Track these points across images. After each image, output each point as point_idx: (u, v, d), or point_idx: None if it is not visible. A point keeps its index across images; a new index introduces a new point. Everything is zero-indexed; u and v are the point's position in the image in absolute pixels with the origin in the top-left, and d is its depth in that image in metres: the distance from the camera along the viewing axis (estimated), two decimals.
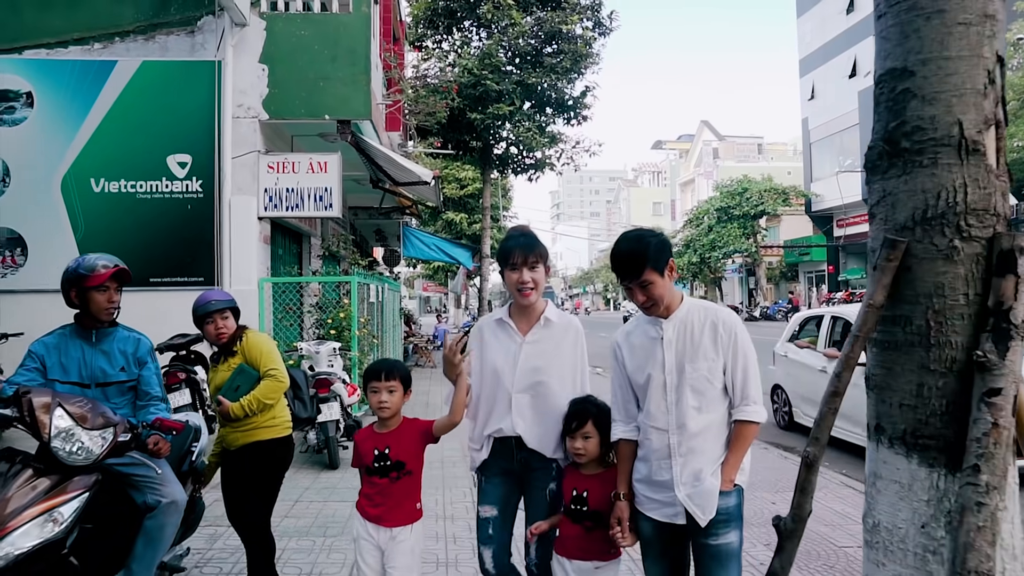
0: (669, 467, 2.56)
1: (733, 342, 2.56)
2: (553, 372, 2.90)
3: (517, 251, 2.85)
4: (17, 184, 8.60)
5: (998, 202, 1.37)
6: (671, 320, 2.60)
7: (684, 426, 2.55)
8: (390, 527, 2.95)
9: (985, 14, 1.38)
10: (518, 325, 2.95)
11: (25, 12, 8.92)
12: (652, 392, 2.60)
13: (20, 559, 2.42)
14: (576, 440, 2.73)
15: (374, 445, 2.99)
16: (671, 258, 2.58)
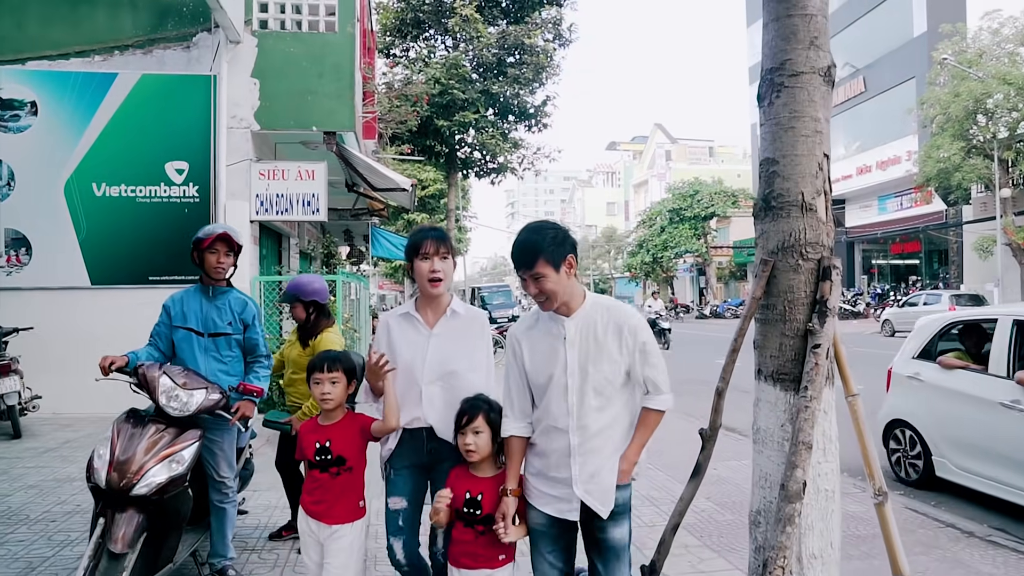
0: (568, 465, 2.52)
1: (640, 344, 2.52)
2: (462, 362, 2.91)
3: (429, 241, 2.86)
4: (22, 188, 9.20)
5: (824, 238, 2.33)
6: (573, 319, 2.53)
7: (586, 427, 2.50)
8: (330, 524, 2.89)
9: (816, 130, 2.34)
10: (425, 318, 2.95)
11: (29, 25, 9.51)
12: (552, 392, 2.53)
13: (157, 488, 3.27)
14: (467, 436, 2.62)
15: (316, 438, 2.93)
16: (571, 254, 2.50)
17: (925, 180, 24.94)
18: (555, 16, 18.50)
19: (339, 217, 16.51)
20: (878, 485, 2.41)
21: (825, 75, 2.37)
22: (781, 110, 2.37)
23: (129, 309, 9.05)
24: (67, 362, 8.82)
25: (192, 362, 3.82)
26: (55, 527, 4.77)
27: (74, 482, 5.89)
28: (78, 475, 6.12)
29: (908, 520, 5.29)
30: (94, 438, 7.56)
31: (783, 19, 2.39)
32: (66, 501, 5.37)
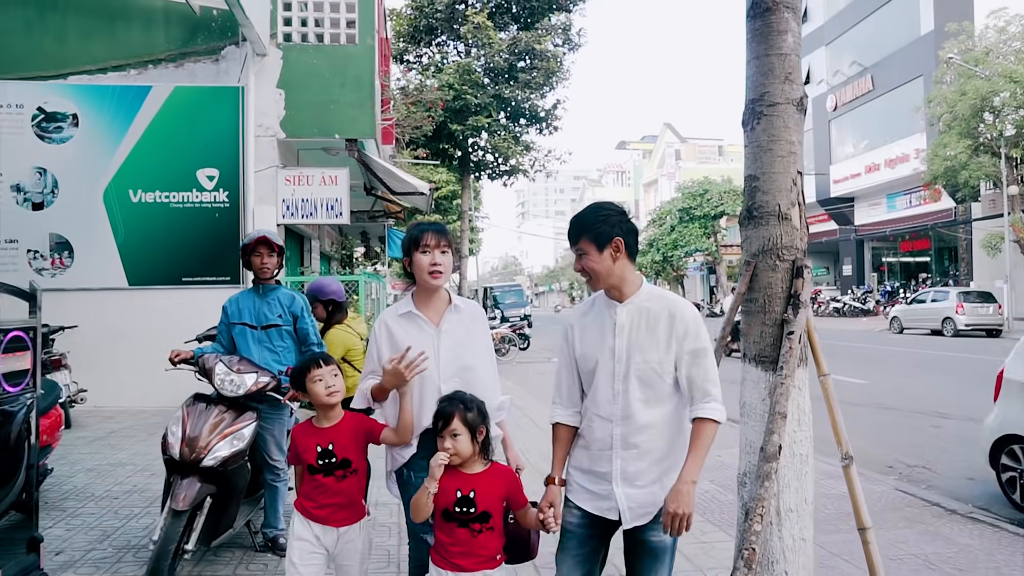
0: (609, 459, 2.44)
1: (691, 336, 2.39)
2: (474, 357, 2.88)
3: (429, 234, 2.80)
4: (65, 195, 9.74)
5: (798, 243, 2.78)
6: (626, 305, 2.45)
7: (630, 417, 2.41)
8: (338, 527, 2.82)
9: (791, 152, 2.80)
10: (427, 315, 2.85)
11: (69, 41, 10.05)
12: (599, 378, 2.46)
13: (221, 461, 3.76)
14: (444, 440, 2.49)
15: (316, 441, 2.82)
16: (619, 238, 2.41)
17: (933, 178, 25.23)
18: (564, 21, 18.98)
19: (357, 219, 17.04)
20: (845, 450, 2.85)
21: (798, 105, 2.82)
22: (761, 135, 2.82)
23: (164, 308, 9.60)
24: (107, 358, 9.37)
25: (247, 353, 4.29)
26: (118, 503, 5.28)
27: (126, 466, 6.40)
28: (128, 461, 6.64)
29: (896, 499, 5.73)
30: (136, 429, 8.14)
31: (762, 58, 2.84)
32: (123, 482, 5.87)
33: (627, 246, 2.45)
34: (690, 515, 2.25)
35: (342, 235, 17.72)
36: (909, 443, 7.86)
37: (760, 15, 2.86)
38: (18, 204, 9.65)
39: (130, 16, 10.14)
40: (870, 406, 10.08)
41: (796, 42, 2.84)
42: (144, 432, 8.00)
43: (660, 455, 2.43)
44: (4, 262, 9.62)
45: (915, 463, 7.05)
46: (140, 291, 9.81)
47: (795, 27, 2.84)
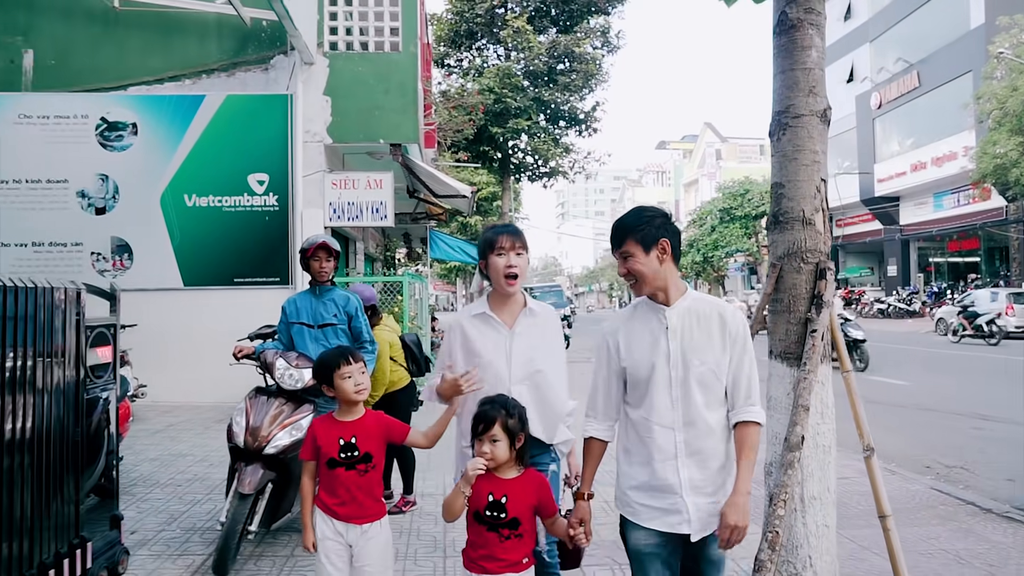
0: (675, 469, 2.33)
1: (741, 339, 2.38)
2: (546, 360, 2.88)
3: (504, 236, 2.82)
4: (125, 200, 10.23)
5: (821, 246, 2.95)
6: (674, 308, 2.39)
7: (693, 423, 2.34)
8: (361, 524, 2.78)
9: (815, 160, 2.97)
10: (501, 317, 2.87)
11: (129, 55, 10.55)
12: (655, 386, 2.37)
13: (281, 449, 4.05)
14: (483, 444, 2.47)
15: (339, 434, 2.79)
16: (665, 239, 2.37)
17: (981, 176, 24.71)
18: (603, 24, 19.14)
19: (400, 221, 17.41)
20: (866, 443, 3.01)
21: (822, 116, 2.99)
22: (786, 145, 3.00)
23: (217, 308, 10.02)
24: (164, 355, 9.80)
25: (304, 350, 4.57)
26: (182, 490, 5.64)
27: (186, 457, 6.77)
28: (188, 452, 7.01)
29: (931, 498, 5.80)
30: (192, 422, 8.55)
31: (788, 72, 3.01)
32: (184, 471, 6.24)
33: (673, 248, 2.41)
34: (746, 527, 2.23)
35: (385, 237, 18.11)
36: (948, 444, 7.86)
37: (785, 32, 3.03)
38: (83, 209, 10.16)
39: (185, 29, 10.60)
40: (911, 407, 10.06)
41: (820, 57, 3.01)
42: (200, 426, 8.40)
43: (722, 461, 2.38)
44: (70, 263, 10.13)
45: (953, 464, 7.07)
46: (194, 291, 10.24)
47: (819, 43, 3.01)
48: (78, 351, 3.50)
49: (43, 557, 3.18)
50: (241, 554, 4.10)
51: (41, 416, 3.20)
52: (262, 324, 9.82)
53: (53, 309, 3.30)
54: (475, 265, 26.80)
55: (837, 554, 3.03)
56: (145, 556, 4.22)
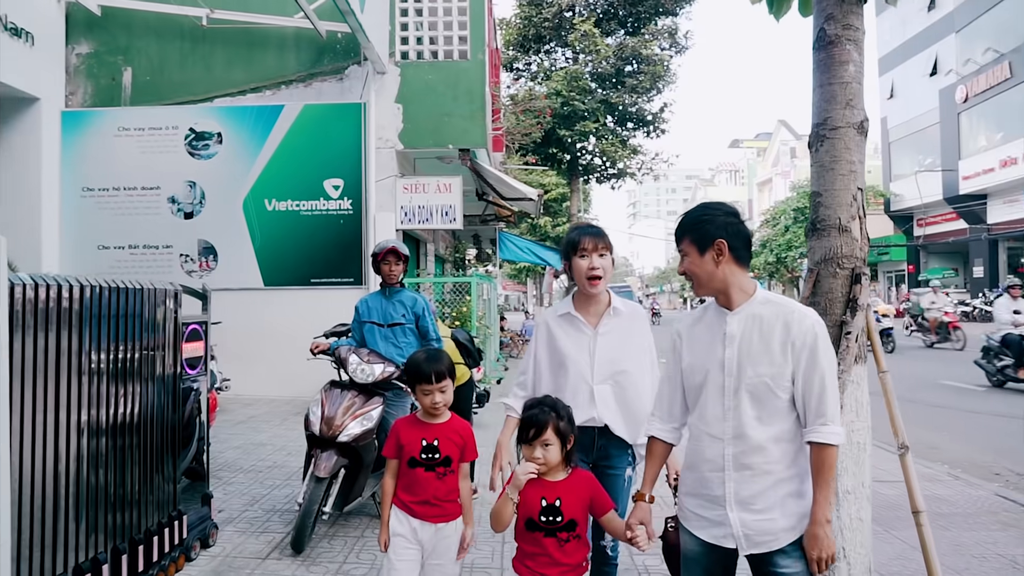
0: (722, 481, 2.26)
1: (808, 346, 2.19)
2: (630, 360, 2.89)
3: (587, 238, 2.84)
4: (210, 205, 10.88)
5: (857, 252, 3.08)
6: (736, 313, 2.27)
7: (742, 436, 2.23)
8: (435, 523, 2.84)
9: (851, 170, 3.10)
10: (586, 318, 2.91)
11: (215, 69, 11.22)
12: (707, 393, 2.30)
13: (354, 438, 4.40)
14: (535, 449, 2.44)
15: (422, 435, 2.85)
16: (721, 240, 2.25)
17: None
18: (670, 25, 19.12)
19: (469, 223, 17.82)
20: (901, 440, 3.12)
21: (859, 128, 3.12)
22: (824, 155, 3.15)
23: (295, 307, 10.57)
24: (245, 351, 10.39)
25: (374, 347, 4.91)
26: (263, 476, 6.08)
27: (266, 446, 7.25)
28: (267, 442, 7.49)
29: (994, 504, 5.74)
30: (271, 415, 9.08)
31: (826, 86, 3.16)
32: (265, 459, 6.70)
33: (733, 249, 2.27)
34: (833, 555, 2.15)
35: (455, 238, 18.54)
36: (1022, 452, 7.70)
37: (824, 47, 3.18)
38: (173, 214, 10.87)
39: (266, 43, 11.19)
40: (986, 414, 9.81)
41: (858, 71, 3.14)
42: (278, 418, 8.91)
43: (780, 477, 2.22)
44: (161, 265, 10.85)
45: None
46: (274, 291, 10.81)
47: (856, 57, 3.14)
48: (175, 345, 3.92)
49: (148, 525, 3.60)
50: (316, 533, 4.47)
51: (146, 403, 3.62)
52: (336, 323, 10.35)
53: (155, 307, 3.72)
54: (543, 266, 27.26)
55: (872, 547, 3.15)
56: (231, 532, 4.63)
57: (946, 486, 6.15)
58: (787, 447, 2.24)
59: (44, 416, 2.92)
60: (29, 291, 2.83)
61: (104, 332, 3.29)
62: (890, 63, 39.40)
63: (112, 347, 3.35)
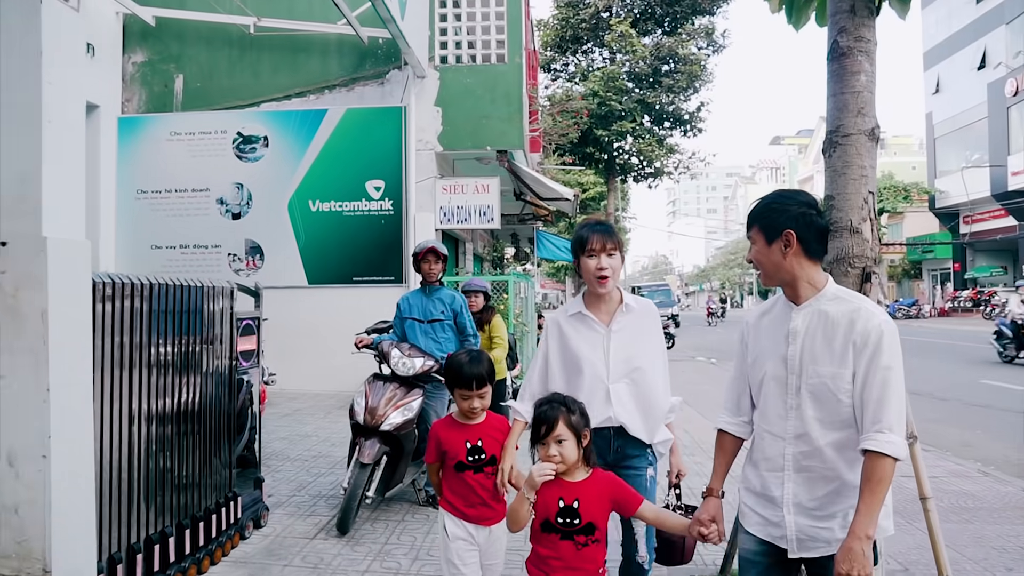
0: (780, 482, 2.18)
1: (871, 346, 2.06)
2: (644, 357, 2.82)
3: (595, 237, 2.77)
4: (257, 206, 11.30)
5: (868, 252, 3.24)
6: (803, 308, 2.18)
7: (804, 436, 2.13)
8: (489, 525, 2.81)
9: (863, 175, 3.27)
10: (598, 316, 2.84)
11: (262, 75, 11.65)
12: (769, 390, 2.23)
13: (395, 427, 4.69)
14: (549, 447, 2.35)
15: (465, 437, 2.80)
16: (790, 231, 2.14)
17: None
18: (707, 24, 19.14)
19: (507, 222, 18.08)
20: (910, 431, 3.28)
21: (870, 134, 3.29)
22: (836, 161, 3.33)
23: (338, 304, 10.92)
24: (290, 347, 10.77)
25: (415, 341, 5.19)
26: (308, 464, 6.41)
27: (311, 438, 7.59)
28: (312, 433, 7.84)
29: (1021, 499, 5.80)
30: (315, 408, 9.44)
31: (838, 95, 3.33)
32: (310, 449, 7.04)
33: (802, 242, 2.15)
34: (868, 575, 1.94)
35: (494, 238, 18.82)
36: None
37: (837, 59, 3.35)
38: (221, 215, 11.32)
39: (310, 49, 11.59)
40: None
41: (869, 80, 3.31)
42: (323, 411, 9.27)
43: (842, 486, 2.11)
44: (209, 264, 11.31)
45: None
46: (318, 289, 11.19)
47: (868, 68, 3.31)
48: (231, 339, 4.24)
49: (207, 505, 3.92)
50: (360, 516, 4.76)
51: (205, 393, 3.94)
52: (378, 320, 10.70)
53: (213, 304, 4.04)
54: None
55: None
56: (280, 515, 4.95)
57: (974, 482, 6.22)
58: (852, 455, 2.09)
59: (120, 405, 3.24)
60: (108, 289, 3.15)
61: (169, 326, 3.61)
62: (936, 57, 38.53)
63: (176, 341, 3.67)
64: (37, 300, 2.71)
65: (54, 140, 2.74)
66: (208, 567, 3.87)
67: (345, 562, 4.11)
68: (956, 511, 5.44)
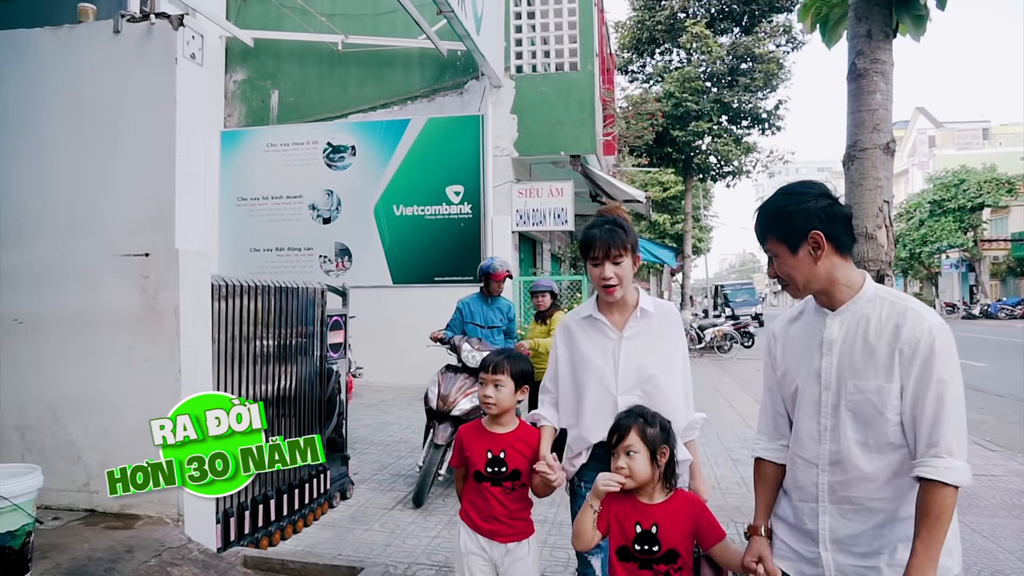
0: (815, 514, 1.92)
1: (921, 354, 1.76)
2: (659, 367, 2.55)
3: (598, 243, 2.50)
4: (346, 211, 12.12)
5: (883, 256, 3.56)
6: (839, 314, 1.89)
7: (841, 463, 1.87)
8: (505, 542, 2.62)
9: (878, 185, 3.59)
10: (611, 321, 2.59)
11: (349, 88, 12.49)
12: (802, 409, 1.97)
13: (464, 412, 5.24)
14: (619, 458, 2.19)
15: (487, 446, 2.64)
16: (816, 231, 1.85)
17: None
18: (785, 21, 19.00)
19: (582, 223, 18.49)
20: None
21: (884, 149, 3.62)
22: (854, 173, 3.66)
23: (420, 302, 11.59)
24: (376, 343, 11.52)
25: None
26: (390, 448, 7.07)
27: (393, 426, 8.26)
28: (394, 422, 8.51)
29: None
30: (398, 399, 10.15)
31: (856, 113, 3.67)
32: (392, 435, 7.71)
33: (832, 239, 1.86)
34: None
35: (572, 238, 19.26)
36: None
37: (855, 79, 3.69)
38: (313, 219, 12.20)
39: (394, 63, 12.34)
40: None
41: (884, 99, 3.64)
42: (404, 402, 9.95)
43: (889, 518, 1.83)
44: (302, 265, 12.20)
45: None
46: (401, 288, 11.91)
47: (883, 87, 3.64)
48: (322, 333, 4.88)
49: (302, 476, 4.57)
50: (432, 492, 5.33)
51: (301, 379, 4.59)
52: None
53: (307, 302, 4.68)
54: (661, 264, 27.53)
55: None
56: (364, 489, 5.58)
57: None
58: (902, 482, 1.80)
59: (232, 387, 3.90)
60: (223, 290, 3.82)
61: (271, 321, 4.27)
62: None
63: (276, 334, 4.32)
64: (171, 299, 3.38)
65: (184, 172, 3.40)
66: (302, 528, 4.52)
67: (418, 529, 4.68)
68: (1007, 507, 5.58)
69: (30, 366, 3.62)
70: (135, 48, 3.45)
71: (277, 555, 3.64)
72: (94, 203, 3.54)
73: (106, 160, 3.54)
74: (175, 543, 3.27)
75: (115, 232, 3.49)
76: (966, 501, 5.66)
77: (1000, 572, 4.29)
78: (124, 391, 3.48)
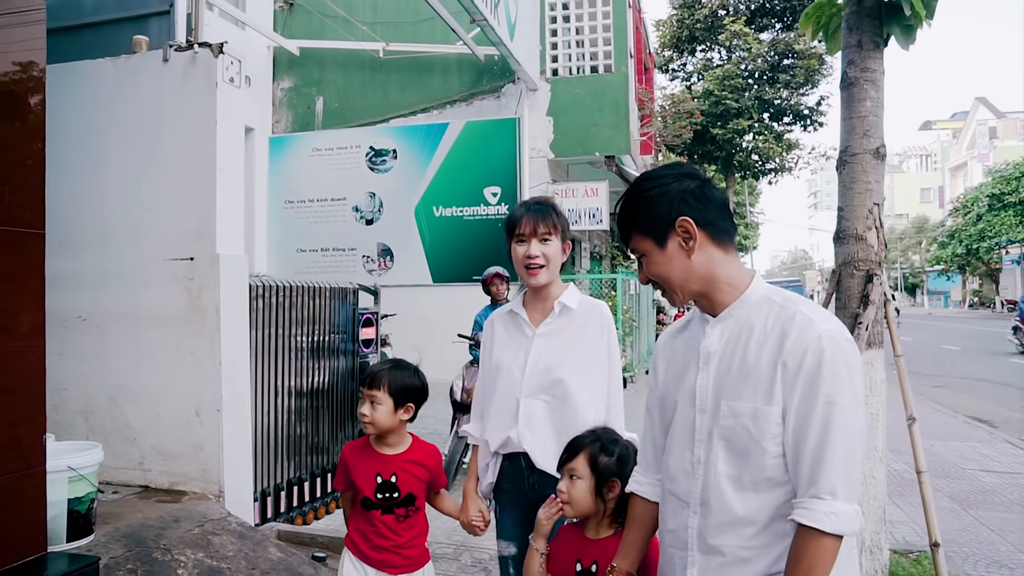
0: (683, 566, 1.55)
1: (808, 374, 1.40)
2: (572, 370, 2.28)
3: (526, 219, 2.31)
4: (388, 212, 12.56)
5: (872, 256, 3.73)
6: (721, 320, 1.55)
7: (710, 504, 1.50)
8: (396, 574, 2.38)
9: (868, 189, 3.76)
10: (531, 315, 2.38)
11: (390, 94, 12.94)
12: (675, 436, 1.62)
13: None
14: (562, 479, 1.97)
15: (376, 469, 2.37)
16: (685, 218, 1.50)
17: None
18: None
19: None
20: (909, 412, 3.76)
21: (874, 153, 3.80)
22: (845, 177, 3.86)
23: (459, 301, 11.93)
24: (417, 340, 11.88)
25: None
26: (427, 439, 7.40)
27: (428, 419, 8.62)
28: (430, 415, 8.85)
29: None
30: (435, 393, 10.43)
31: (847, 119, 3.86)
32: (426, 427, 8.10)
33: (705, 225, 1.53)
34: None
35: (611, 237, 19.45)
36: None
37: (846, 87, 3.88)
38: (356, 221, 12.66)
39: (433, 69, 12.74)
40: None
41: (875, 105, 3.82)
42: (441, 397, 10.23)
43: (766, 571, 1.46)
44: (345, 265, 12.67)
45: None
46: (441, 287, 12.28)
47: (873, 94, 3.82)
48: (354, 329, 5.25)
49: (333, 461, 4.95)
50: (456, 480, 5.66)
51: (333, 373, 4.97)
52: None
53: (339, 300, 5.06)
54: None
55: (885, 501, 3.82)
56: None
57: None
58: (784, 527, 1.44)
59: (268, 380, 4.29)
60: (259, 290, 4.20)
61: (305, 319, 4.65)
62: None
63: (310, 330, 4.70)
64: (213, 299, 3.78)
65: (224, 184, 3.79)
66: (334, 509, 4.90)
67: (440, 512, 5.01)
68: (1022, 503, 5.67)
69: (92, 358, 4.06)
70: (181, 74, 3.85)
71: (308, 531, 4.02)
72: (144, 214, 3.97)
73: (154, 175, 3.96)
74: (216, 516, 3.66)
75: (163, 240, 3.90)
76: (982, 497, 5.77)
77: (997, 563, 4.44)
78: (172, 381, 3.88)
